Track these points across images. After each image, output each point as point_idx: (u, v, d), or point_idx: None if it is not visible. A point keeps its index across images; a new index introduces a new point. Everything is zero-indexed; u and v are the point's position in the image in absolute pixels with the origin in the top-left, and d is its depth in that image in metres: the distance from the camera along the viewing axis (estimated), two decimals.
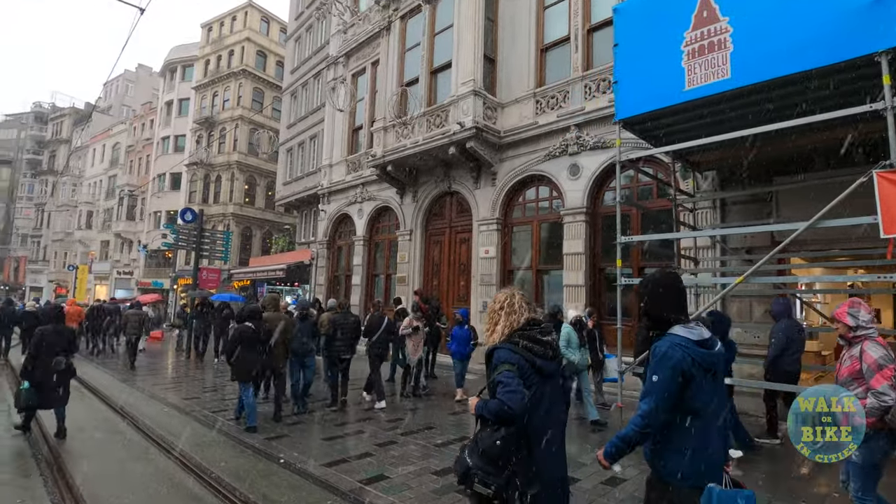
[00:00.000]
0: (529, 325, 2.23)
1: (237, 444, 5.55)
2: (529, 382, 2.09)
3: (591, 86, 10.26)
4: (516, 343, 2.17)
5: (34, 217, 48.91)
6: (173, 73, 37.98)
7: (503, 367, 2.09)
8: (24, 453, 5.09)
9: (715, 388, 2.07)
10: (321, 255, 16.96)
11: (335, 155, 17.00)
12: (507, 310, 2.26)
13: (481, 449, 2.10)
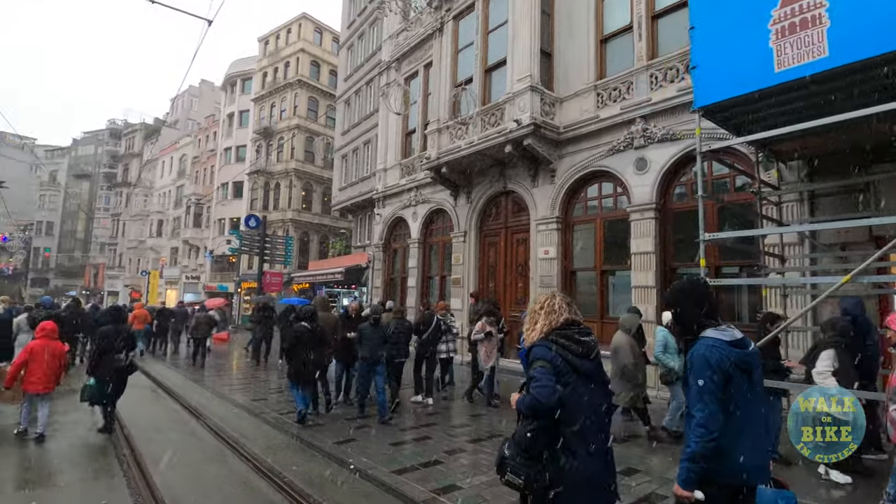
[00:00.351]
0: (568, 325, 2.28)
1: (307, 448, 5.54)
2: (566, 380, 2.13)
3: (658, 75, 9.71)
4: (553, 341, 2.22)
5: (111, 226, 52.66)
6: (234, 87, 39.86)
7: (537, 364, 2.17)
8: (107, 452, 5.29)
9: (751, 387, 2.08)
10: (377, 258, 17.11)
11: (389, 159, 17.12)
12: (547, 309, 2.35)
13: (516, 440, 2.16)
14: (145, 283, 41.38)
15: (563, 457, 2.09)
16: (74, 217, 58.44)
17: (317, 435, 6.05)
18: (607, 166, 10.37)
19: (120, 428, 6.17)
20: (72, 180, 59.40)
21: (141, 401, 8.23)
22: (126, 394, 8.34)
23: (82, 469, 4.83)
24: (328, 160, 34.16)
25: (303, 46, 33.73)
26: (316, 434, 6.09)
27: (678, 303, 2.30)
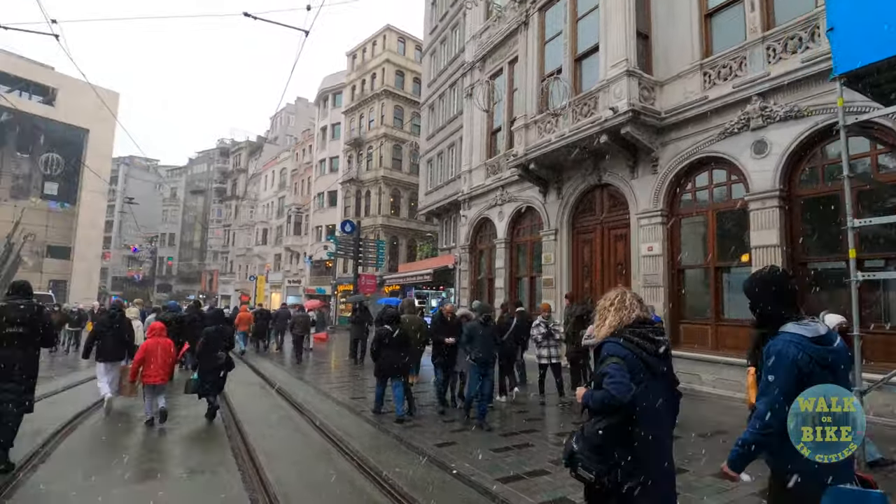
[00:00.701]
0: (640, 323, 2.26)
1: (408, 450, 5.48)
2: (638, 378, 2.11)
3: (776, 47, 8.62)
4: (627, 339, 2.20)
5: (222, 236, 58.00)
6: (326, 102, 42.20)
7: (610, 360, 2.15)
8: (223, 443, 5.59)
9: (836, 384, 2.01)
10: (463, 260, 17.05)
11: (474, 160, 17.00)
12: (618, 306, 2.32)
13: (586, 436, 2.16)
14: (253, 287, 45.03)
15: (635, 454, 2.10)
16: (192, 229, 65.14)
17: (416, 436, 5.99)
18: (719, 152, 9.40)
19: (235, 423, 6.53)
20: (189, 196, 66.32)
21: (252, 396, 8.75)
22: (239, 390, 9.02)
23: (201, 460, 5.12)
24: (414, 166, 34.99)
25: (388, 57, 34.84)
26: (415, 435, 6.03)
27: (756, 295, 2.23)
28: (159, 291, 59.80)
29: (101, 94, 44.56)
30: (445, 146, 22.60)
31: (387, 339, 6.81)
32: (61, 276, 45.10)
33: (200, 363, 6.79)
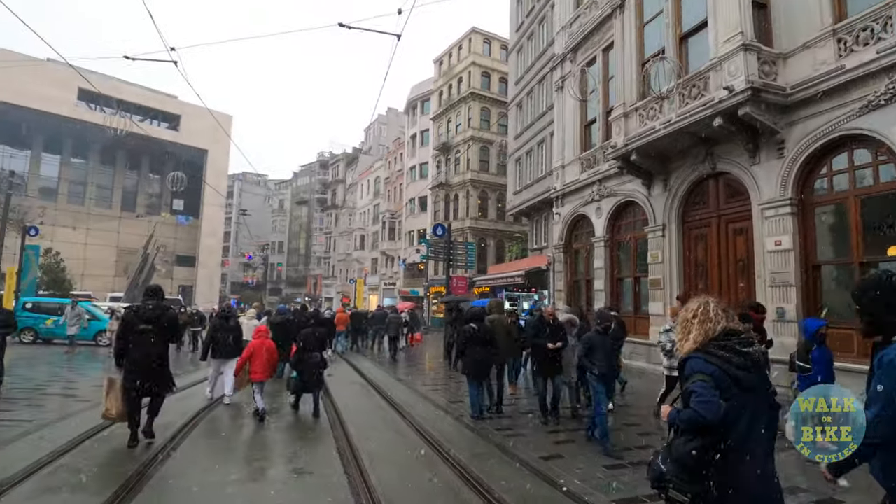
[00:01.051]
0: (727, 334, 2.12)
1: (511, 461, 5.20)
2: (727, 394, 1.99)
3: None
4: (711, 353, 2.08)
5: (324, 243, 61.71)
6: (414, 110, 43.30)
7: (696, 377, 2.04)
8: (330, 446, 5.67)
9: None
10: (558, 260, 16.38)
11: (567, 155, 16.30)
12: (702, 318, 2.17)
13: (675, 457, 2.03)
14: (353, 290, 47.38)
15: (728, 475, 1.97)
16: (297, 237, 70.13)
17: (518, 446, 5.69)
18: (861, 128, 8.05)
19: (340, 423, 6.67)
20: (294, 206, 71.50)
21: (355, 396, 8.98)
22: (343, 390, 9.32)
23: (309, 460, 5.23)
24: (501, 166, 34.64)
25: (473, 59, 34.87)
26: (518, 445, 5.73)
27: (870, 299, 2.16)
28: (270, 295, 65.01)
29: (217, 117, 49.51)
30: (535, 143, 22.02)
31: (472, 337, 6.98)
32: (188, 282, 50.71)
33: (299, 363, 7.25)
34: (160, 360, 5.61)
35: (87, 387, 9.10)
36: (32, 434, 5.70)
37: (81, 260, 42.72)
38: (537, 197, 20.90)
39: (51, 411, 7.00)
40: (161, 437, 5.65)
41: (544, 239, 22.04)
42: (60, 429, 5.99)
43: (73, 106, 42.30)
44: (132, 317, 5.53)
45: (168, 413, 6.26)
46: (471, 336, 6.97)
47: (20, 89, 38.77)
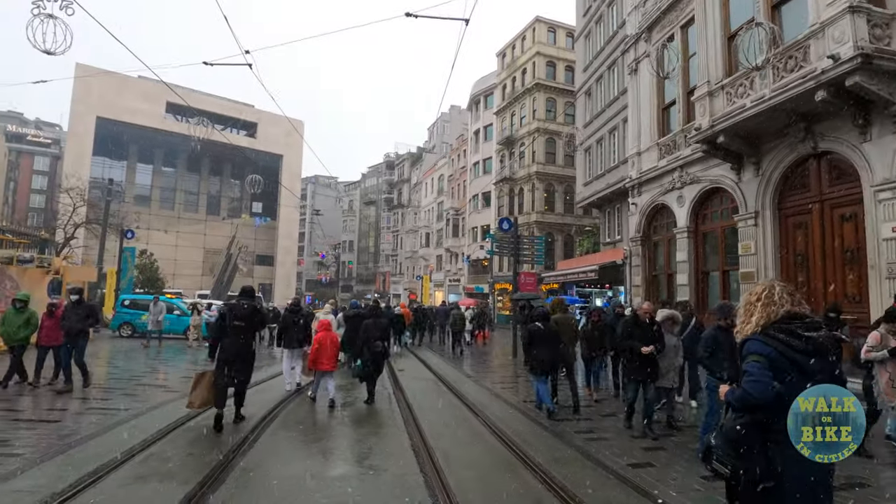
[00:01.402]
0: (790, 318, 2.11)
1: (597, 466, 4.81)
2: (784, 377, 2.00)
3: None
4: (771, 335, 2.08)
5: (392, 241, 63.02)
6: (477, 105, 42.99)
7: (751, 358, 2.06)
8: (405, 444, 5.51)
9: None
10: (634, 254, 15.45)
11: (643, 142, 15.33)
12: (765, 301, 2.17)
13: (723, 431, 2.11)
14: (420, 286, 48.03)
15: (776, 454, 2.00)
16: (367, 236, 72.18)
17: (602, 451, 5.28)
18: None
19: (413, 419, 6.56)
20: (363, 206, 73.62)
21: (427, 392, 8.88)
22: (414, 385, 9.27)
23: (385, 457, 5.07)
24: (568, 158, 33.51)
25: (538, 49, 33.97)
26: (601, 450, 5.32)
27: None
28: (342, 291, 67.39)
29: (291, 123, 51.86)
30: (605, 131, 21.01)
31: (539, 335, 7.03)
32: (267, 281, 53.65)
33: (362, 352, 7.74)
34: (248, 354, 6.21)
35: (176, 378, 9.69)
36: (126, 423, 6.04)
37: (172, 260, 46.46)
38: (610, 187, 19.93)
39: (143, 401, 7.44)
40: (243, 429, 5.85)
41: (618, 232, 20.99)
42: (151, 418, 6.33)
43: (162, 118, 45.97)
44: (228, 313, 6.10)
45: (249, 405, 6.52)
46: (536, 334, 7.03)
47: (116, 105, 42.76)
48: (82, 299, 8.55)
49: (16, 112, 65.89)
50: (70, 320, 7.98)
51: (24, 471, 4.25)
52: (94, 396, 7.69)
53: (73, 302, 8.27)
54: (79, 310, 8.15)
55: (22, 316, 8.04)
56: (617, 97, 19.98)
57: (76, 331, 7.96)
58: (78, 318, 8.01)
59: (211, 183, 56.27)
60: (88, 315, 8.31)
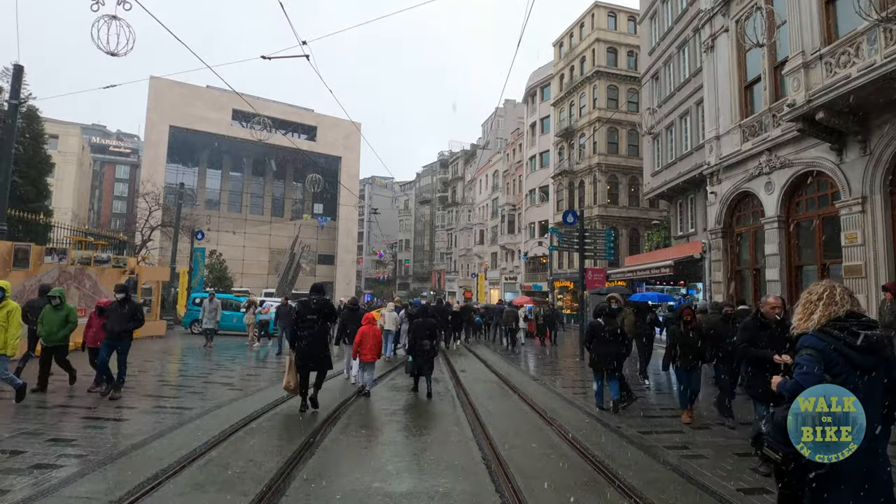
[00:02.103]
0: (849, 317, 2.20)
1: (701, 491, 4.11)
2: (836, 371, 2.10)
3: None
4: (826, 332, 2.18)
5: (446, 239, 62.91)
6: (533, 97, 41.86)
7: (804, 352, 2.17)
8: (476, 458, 5.00)
9: None
10: (714, 247, 14.13)
11: (722, 124, 14.00)
12: (827, 301, 2.26)
13: (775, 420, 2.15)
14: (475, 284, 47.53)
15: None
16: (422, 234, 72.57)
17: (704, 472, 4.56)
18: None
19: (480, 426, 6.09)
20: (418, 206, 74.08)
21: (492, 396, 8.37)
22: (478, 388, 8.81)
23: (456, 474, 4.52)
24: (632, 147, 31.84)
25: (598, 36, 32.48)
26: (703, 471, 4.60)
27: None
28: (399, 289, 68.17)
29: (349, 126, 52.83)
30: (676, 117, 19.58)
31: (602, 333, 7.11)
32: (328, 279, 55.07)
33: (412, 349, 8.41)
34: (323, 343, 6.93)
35: (240, 376, 9.74)
36: (189, 423, 5.95)
37: (240, 261, 48.69)
38: (682, 176, 18.54)
39: (209, 399, 7.42)
40: (304, 432, 5.63)
41: (691, 224, 19.52)
42: (215, 418, 6.23)
43: (229, 125, 48.17)
44: (302, 308, 6.88)
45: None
46: (596, 330, 7.20)
47: (187, 114, 45.28)
48: (129, 297, 7.68)
49: (99, 125, 71.47)
50: (112, 321, 7.30)
51: (85, 474, 4.14)
52: (162, 394, 7.75)
53: (118, 301, 7.47)
54: (124, 309, 7.38)
55: (60, 313, 7.36)
56: (689, 79, 18.54)
57: (118, 332, 7.27)
58: (122, 318, 7.30)
59: (275, 186, 58.50)
60: (134, 315, 7.47)
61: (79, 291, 12.52)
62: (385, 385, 9.26)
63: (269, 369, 10.82)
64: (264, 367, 11.23)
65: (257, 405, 6.93)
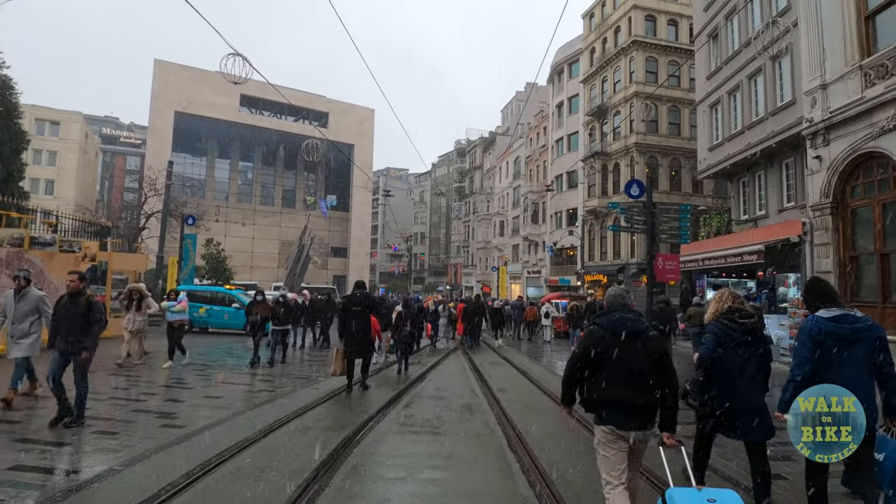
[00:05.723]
0: (730, 311, 3.49)
1: None
2: (725, 344, 3.39)
3: None
4: (719, 321, 3.49)
5: (463, 231, 60.12)
6: (560, 76, 38.65)
7: (706, 334, 3.53)
8: None
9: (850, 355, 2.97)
10: (819, 227, 11.06)
11: (831, 69, 10.91)
12: (717, 301, 3.63)
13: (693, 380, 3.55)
14: (494, 278, 44.64)
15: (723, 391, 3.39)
16: (438, 227, 69.90)
17: None
18: None
19: (521, 444, 3.36)
20: (434, 197, 71.33)
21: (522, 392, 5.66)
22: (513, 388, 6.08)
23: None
24: (673, 126, 28.62)
25: (634, 2, 29.18)
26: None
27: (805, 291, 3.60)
28: (414, 283, 65.70)
29: (360, 111, 50.30)
30: (744, 77, 16.46)
31: None
32: (341, 272, 52.77)
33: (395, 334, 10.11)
34: (366, 331, 7.69)
35: (186, 411, 7.12)
36: None
37: (249, 253, 46.51)
38: (751, 148, 15.52)
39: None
40: (341, 434, 5.04)
41: (759, 206, 16.42)
42: None
43: (237, 111, 45.93)
44: (348, 302, 7.75)
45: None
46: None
47: (193, 99, 43.01)
48: (83, 290, 5.42)
49: (112, 117, 70.14)
50: (61, 321, 5.25)
51: None
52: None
53: (67, 296, 5.33)
54: (76, 308, 5.24)
55: None
56: (762, 30, 15.39)
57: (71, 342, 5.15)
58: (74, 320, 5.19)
59: (286, 176, 56.26)
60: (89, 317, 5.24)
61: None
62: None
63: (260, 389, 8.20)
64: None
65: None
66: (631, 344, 2.81)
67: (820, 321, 3.06)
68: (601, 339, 2.87)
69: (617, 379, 2.79)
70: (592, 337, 2.93)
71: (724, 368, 3.32)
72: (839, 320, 3.02)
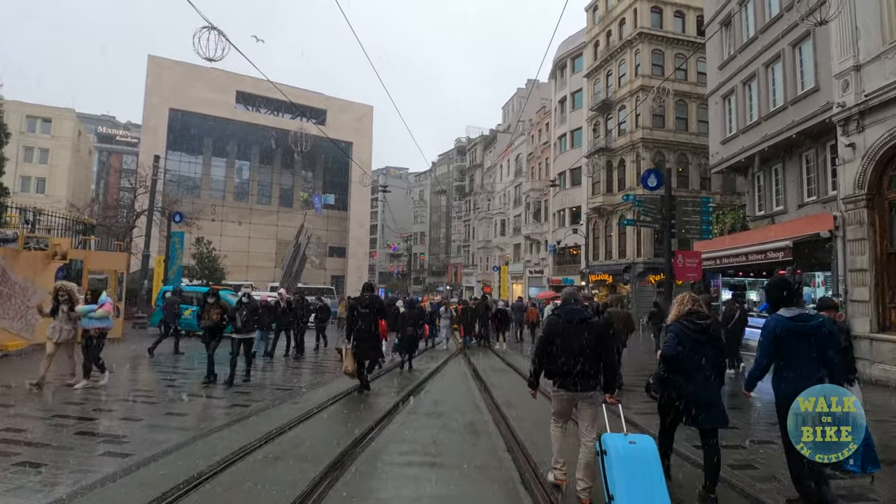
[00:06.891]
0: (689, 313, 3.86)
1: None
2: (684, 343, 3.74)
3: None
4: (680, 322, 3.85)
5: (463, 231, 59.19)
6: (562, 70, 37.75)
7: (669, 334, 3.86)
8: None
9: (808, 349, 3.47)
10: (852, 221, 10.14)
11: (866, 48, 10.01)
12: (678, 304, 3.99)
13: (655, 374, 3.95)
14: (496, 278, 43.73)
15: (680, 384, 3.76)
16: (438, 226, 68.96)
17: None
18: None
19: (537, 481, 2.51)
20: (434, 196, 70.37)
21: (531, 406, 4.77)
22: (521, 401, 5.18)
23: None
24: (680, 121, 27.74)
25: None
26: None
27: (767, 291, 4.00)
28: (414, 284, 64.77)
29: (358, 108, 49.37)
30: (760, 65, 15.55)
31: None
32: (340, 272, 51.82)
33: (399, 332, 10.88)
34: (374, 333, 7.82)
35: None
36: None
37: (245, 252, 45.59)
38: (767, 140, 14.64)
39: None
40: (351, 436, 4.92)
41: (776, 201, 15.53)
42: None
43: (232, 108, 45.01)
44: (356, 304, 7.83)
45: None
46: None
47: (187, 96, 42.07)
48: None
49: (108, 115, 69.22)
50: None
51: None
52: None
53: None
54: None
55: None
56: (780, 14, 14.52)
57: None
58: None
59: (283, 175, 55.32)
60: None
61: None
62: None
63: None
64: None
65: None
66: (578, 328, 3.83)
67: (781, 320, 3.60)
68: (557, 324, 3.94)
69: (568, 354, 3.78)
70: (551, 323, 4.03)
71: (684, 364, 3.71)
72: (797, 319, 3.58)
